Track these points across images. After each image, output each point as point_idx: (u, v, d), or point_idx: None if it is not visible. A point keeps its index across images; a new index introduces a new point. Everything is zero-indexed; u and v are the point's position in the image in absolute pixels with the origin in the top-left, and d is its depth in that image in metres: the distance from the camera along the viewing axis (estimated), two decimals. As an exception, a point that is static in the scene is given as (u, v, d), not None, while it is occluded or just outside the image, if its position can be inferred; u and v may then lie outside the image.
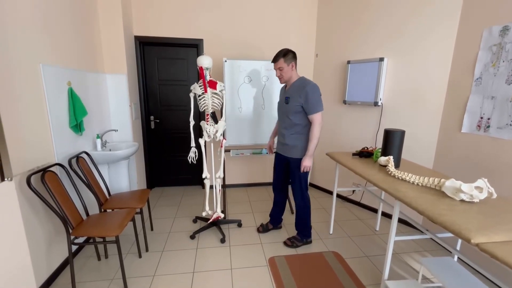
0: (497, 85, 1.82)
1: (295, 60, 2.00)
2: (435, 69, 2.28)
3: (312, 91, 1.91)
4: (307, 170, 2.03)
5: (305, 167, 2.01)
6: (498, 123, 1.82)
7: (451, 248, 1.52)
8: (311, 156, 2.00)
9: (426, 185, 1.52)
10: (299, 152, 2.05)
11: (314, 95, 1.91)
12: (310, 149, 1.97)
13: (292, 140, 2.06)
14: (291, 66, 1.98)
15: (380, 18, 2.62)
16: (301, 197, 2.15)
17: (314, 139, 1.95)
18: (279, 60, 1.96)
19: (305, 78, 2.01)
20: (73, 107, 2.00)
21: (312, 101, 1.91)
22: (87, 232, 1.66)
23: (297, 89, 1.97)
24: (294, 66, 2.00)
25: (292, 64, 1.98)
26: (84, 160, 2.04)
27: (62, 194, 1.68)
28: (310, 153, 1.98)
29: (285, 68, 1.97)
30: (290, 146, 2.08)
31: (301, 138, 2.03)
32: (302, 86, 1.95)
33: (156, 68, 3.20)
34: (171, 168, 3.52)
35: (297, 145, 2.05)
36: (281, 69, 1.99)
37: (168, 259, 2.04)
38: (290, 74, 2.01)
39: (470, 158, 2.03)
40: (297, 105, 1.96)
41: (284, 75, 2.01)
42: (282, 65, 1.97)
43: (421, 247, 2.24)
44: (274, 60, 2.00)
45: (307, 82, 1.95)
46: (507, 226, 1.08)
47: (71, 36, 2.06)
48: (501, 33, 1.80)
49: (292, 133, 2.05)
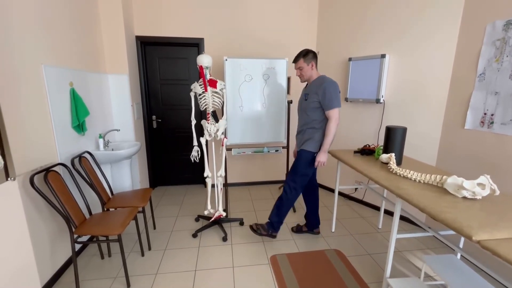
0: (500, 80, 1.80)
1: (315, 59, 2.04)
2: (438, 65, 2.25)
3: (329, 87, 1.93)
4: (321, 165, 2.04)
5: (319, 162, 2.02)
6: (502, 119, 1.79)
7: (454, 246, 1.50)
8: (326, 151, 2.02)
9: (428, 182, 1.50)
10: (312, 145, 2.06)
11: (331, 92, 1.93)
12: (325, 144, 2.00)
13: (308, 134, 2.09)
14: (311, 66, 2.02)
15: (382, 14, 2.59)
16: (291, 188, 2.14)
17: (329, 136, 1.98)
18: (299, 60, 2.03)
19: (325, 76, 2.03)
20: (75, 108, 2.02)
21: (329, 97, 1.93)
22: (90, 230, 1.68)
23: (315, 86, 2.01)
24: (314, 66, 2.04)
25: (312, 63, 2.02)
26: (86, 160, 2.06)
27: (65, 193, 1.70)
28: (325, 148, 2.01)
29: (305, 67, 2.03)
30: (304, 139, 2.11)
31: (317, 133, 2.05)
32: (320, 83, 1.99)
33: (157, 68, 3.21)
34: (174, 167, 3.53)
35: (312, 138, 2.06)
36: (301, 69, 2.04)
37: (170, 257, 2.06)
38: (310, 74, 2.05)
39: (473, 154, 2.00)
40: (314, 101, 2.00)
41: (304, 75, 2.06)
42: (302, 65, 2.03)
43: (424, 245, 2.22)
44: (295, 61, 2.06)
45: (325, 79, 1.98)
46: (510, 223, 1.06)
47: (73, 37, 2.07)
48: (504, 28, 1.77)
49: (309, 127, 2.08)
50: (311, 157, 2.07)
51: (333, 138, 2.02)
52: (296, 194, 2.16)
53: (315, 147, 2.06)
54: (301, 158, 2.11)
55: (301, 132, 2.15)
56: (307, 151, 2.08)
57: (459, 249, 1.49)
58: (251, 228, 2.26)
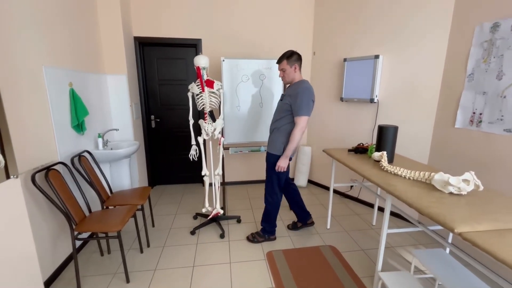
0: (488, 81, 1.86)
1: (299, 62, 2.02)
2: (429, 66, 2.32)
3: (303, 94, 1.91)
4: (281, 170, 2.03)
5: (278, 167, 2.02)
6: (489, 118, 1.86)
7: (442, 240, 1.56)
8: (287, 157, 2.00)
9: (417, 178, 1.56)
10: (275, 148, 2.07)
11: (302, 98, 1.91)
12: (287, 150, 1.98)
13: (273, 135, 2.10)
14: (293, 68, 2.01)
15: (376, 16, 2.65)
16: (270, 193, 2.17)
17: (292, 142, 1.96)
18: (283, 61, 2.00)
19: (305, 82, 2.01)
20: (74, 108, 2.06)
21: (300, 103, 1.91)
22: (90, 227, 1.72)
23: (292, 89, 2.01)
24: (298, 68, 2.03)
25: (295, 66, 2.00)
26: (86, 159, 2.10)
27: (65, 191, 1.74)
28: (287, 154, 1.99)
29: (288, 69, 2.01)
30: (270, 140, 2.13)
31: (281, 136, 2.04)
32: (297, 87, 1.97)
33: (155, 68, 3.26)
34: (172, 166, 3.58)
35: (275, 141, 2.07)
36: (284, 71, 2.02)
37: (169, 254, 2.10)
38: (293, 76, 2.03)
39: (463, 152, 2.07)
40: (287, 104, 1.99)
41: (286, 77, 2.04)
42: (285, 67, 2.00)
43: (416, 240, 2.29)
44: (278, 62, 2.05)
45: (302, 85, 1.96)
46: (491, 216, 1.12)
47: (72, 38, 2.11)
48: (491, 30, 1.83)
49: (276, 127, 2.08)
50: (277, 159, 2.05)
51: (297, 145, 2.00)
52: (277, 198, 2.18)
53: (279, 150, 2.05)
54: (269, 162, 2.12)
55: (271, 133, 2.15)
56: (272, 154, 2.08)
57: (447, 243, 1.55)
58: (247, 239, 2.29)
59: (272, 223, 2.25)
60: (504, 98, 1.75)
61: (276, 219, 2.25)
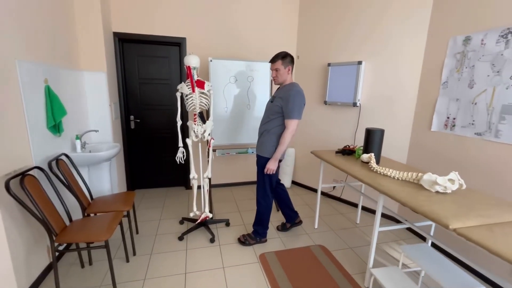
0: (461, 88, 2.05)
1: (292, 64, 2.04)
2: (408, 73, 2.49)
3: (294, 97, 1.92)
4: (270, 172, 2.04)
5: (268, 169, 2.02)
6: (462, 123, 2.05)
7: (426, 234, 1.68)
8: (276, 159, 2.02)
9: (405, 179, 1.67)
10: (265, 150, 2.07)
11: (294, 101, 1.92)
12: (277, 152, 2.00)
13: (263, 137, 2.10)
14: (287, 70, 2.02)
15: (359, 25, 2.78)
16: (262, 195, 2.17)
17: (282, 145, 1.98)
18: (277, 61, 2.00)
19: (296, 85, 2.02)
20: (51, 107, 1.88)
21: (292, 106, 1.92)
22: (73, 237, 1.58)
23: (283, 91, 2.01)
24: (290, 70, 2.04)
25: (289, 67, 2.02)
26: (64, 163, 1.93)
27: (43, 199, 1.58)
28: (276, 156, 2.01)
29: (282, 70, 2.01)
30: (260, 142, 2.13)
31: (272, 138, 2.04)
32: (288, 89, 1.98)
33: (136, 66, 3.09)
34: (153, 169, 3.42)
35: (266, 143, 2.07)
36: (278, 71, 2.02)
37: (157, 261, 2.00)
38: (285, 77, 2.04)
39: (439, 153, 2.25)
40: (278, 106, 1.99)
41: (279, 77, 2.04)
42: (279, 67, 2.00)
43: (397, 236, 2.44)
44: (272, 61, 2.03)
45: (294, 88, 1.97)
46: (477, 212, 1.24)
47: (46, 30, 1.93)
48: (464, 43, 2.02)
49: (266, 129, 2.08)
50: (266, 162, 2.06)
51: (286, 148, 2.02)
52: (269, 200, 2.18)
53: (270, 152, 2.05)
54: (260, 165, 2.12)
55: (261, 135, 2.15)
56: (262, 156, 2.09)
57: (431, 236, 1.67)
58: (239, 241, 2.27)
59: (265, 225, 2.25)
60: (475, 105, 1.94)
61: (268, 221, 2.26)
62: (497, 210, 1.26)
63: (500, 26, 1.78)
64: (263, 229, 2.26)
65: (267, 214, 2.22)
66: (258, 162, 2.16)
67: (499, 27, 1.79)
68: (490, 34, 1.84)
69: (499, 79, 1.78)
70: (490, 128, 1.85)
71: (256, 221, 2.26)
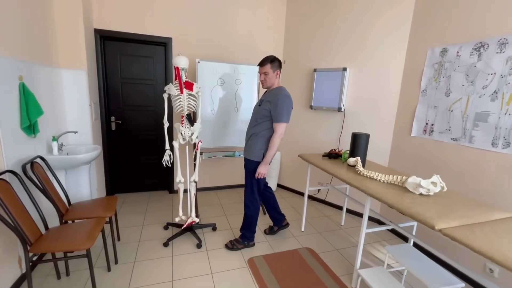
0: (438, 96, 2.18)
1: (280, 68, 2.06)
2: (389, 81, 2.61)
3: (283, 100, 1.94)
4: (261, 176, 2.05)
5: (259, 173, 2.03)
6: (439, 129, 2.18)
7: (409, 235, 1.75)
8: (267, 163, 2.03)
9: (391, 182, 1.74)
10: (253, 154, 2.07)
11: (283, 105, 1.94)
12: (267, 156, 2.01)
13: (252, 141, 2.10)
14: (275, 74, 2.04)
15: (344, 32, 2.88)
16: (250, 199, 2.17)
17: (272, 148, 1.99)
18: (266, 65, 2.01)
19: (284, 89, 2.05)
20: (25, 106, 1.74)
21: (280, 110, 1.94)
22: (51, 247, 1.46)
23: (271, 95, 2.03)
24: (278, 74, 2.06)
25: (277, 72, 2.04)
26: (40, 166, 1.79)
27: (16, 205, 1.45)
28: (266, 160, 2.01)
29: (270, 74, 2.02)
30: (248, 146, 2.12)
31: (260, 141, 2.05)
32: (277, 93, 1.99)
33: (118, 65, 2.97)
34: (134, 172, 3.28)
35: (254, 146, 2.07)
36: (266, 74, 2.03)
37: (142, 269, 1.92)
38: (274, 81, 2.06)
39: (418, 157, 2.37)
40: (266, 110, 2.00)
41: (267, 81, 2.05)
42: (268, 70, 2.01)
43: (380, 237, 2.53)
44: (261, 64, 2.04)
45: (282, 92, 1.99)
46: (458, 213, 1.31)
47: (22, 23, 1.80)
48: (441, 54, 2.16)
49: (254, 133, 2.08)
50: (256, 166, 2.06)
51: (275, 151, 2.03)
52: (257, 204, 2.18)
53: (258, 156, 2.05)
54: (248, 168, 2.13)
55: (247, 137, 2.16)
56: (251, 160, 2.09)
57: (413, 236, 1.74)
58: (226, 247, 2.23)
59: (252, 229, 2.24)
60: (452, 112, 2.07)
61: (256, 225, 2.25)
62: (475, 210, 1.35)
63: (473, 39, 1.92)
64: (250, 233, 2.24)
65: (254, 218, 2.21)
66: (246, 165, 2.15)
67: (472, 40, 1.93)
68: (464, 46, 1.98)
69: (473, 88, 1.92)
70: (465, 134, 1.98)
71: (244, 225, 2.24)
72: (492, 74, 1.80)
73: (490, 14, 1.83)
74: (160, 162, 3.28)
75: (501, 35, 1.75)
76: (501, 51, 1.75)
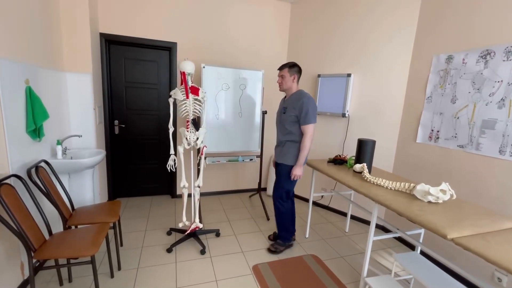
0: (444, 103, 2.18)
1: (298, 74, 2.14)
2: (394, 88, 2.61)
3: (308, 103, 2.02)
4: (296, 178, 2.11)
5: (294, 175, 2.10)
6: (445, 135, 2.17)
7: (417, 242, 1.73)
8: (301, 165, 2.10)
9: (398, 189, 1.72)
10: (289, 159, 2.13)
11: (308, 107, 2.02)
12: (300, 158, 2.08)
13: (286, 147, 2.16)
14: (293, 78, 2.12)
15: (348, 38, 2.89)
16: (281, 202, 2.23)
17: (304, 150, 2.06)
18: (285, 69, 2.12)
19: (304, 91, 2.12)
20: (31, 109, 1.74)
21: (306, 112, 2.01)
22: (55, 253, 1.44)
23: (294, 100, 2.09)
24: (296, 79, 2.14)
25: (294, 76, 2.12)
26: (44, 170, 1.78)
27: (21, 210, 1.43)
28: (300, 162, 2.08)
29: (287, 77, 2.11)
30: (283, 152, 2.17)
31: (295, 146, 2.12)
32: (299, 98, 2.07)
33: (123, 69, 2.97)
34: (137, 176, 3.26)
35: (289, 152, 2.14)
36: (283, 77, 2.13)
37: (145, 276, 1.89)
38: (290, 85, 2.13)
39: (423, 164, 2.36)
40: (292, 116, 2.08)
41: (284, 84, 2.14)
42: (285, 74, 2.12)
43: (385, 244, 2.50)
44: (280, 68, 2.15)
45: (304, 95, 2.07)
46: (468, 222, 1.30)
47: (29, 26, 1.80)
48: (446, 61, 2.16)
49: (287, 140, 2.15)
50: (290, 169, 2.14)
51: (308, 152, 2.11)
52: (287, 205, 2.25)
53: (293, 160, 2.13)
54: (282, 172, 2.19)
55: (280, 145, 2.22)
56: (286, 164, 2.15)
57: (420, 243, 1.72)
58: (269, 251, 2.28)
59: (289, 228, 2.29)
60: (458, 119, 2.07)
61: (292, 224, 2.31)
62: (486, 219, 1.33)
63: (479, 47, 1.93)
64: (289, 234, 2.31)
65: (289, 219, 2.27)
66: (280, 170, 2.21)
67: (478, 48, 1.93)
68: (470, 54, 1.98)
69: (479, 96, 1.92)
70: (471, 141, 1.97)
71: (281, 227, 2.29)
72: (499, 82, 1.80)
73: (496, 21, 1.84)
74: (162, 166, 3.27)
75: (508, 43, 1.76)
76: (508, 59, 1.76)
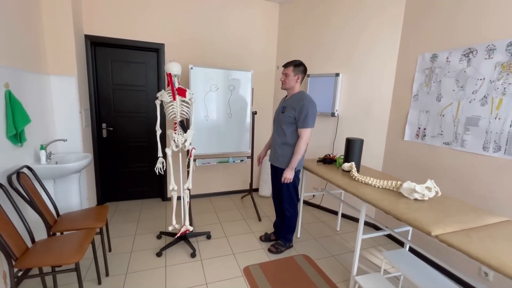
0: (430, 101, 2.21)
1: (303, 74, 2.10)
2: (382, 86, 2.64)
3: (308, 106, 1.98)
4: (287, 181, 2.08)
5: (285, 178, 2.07)
6: (431, 133, 2.20)
7: (405, 240, 1.75)
8: (293, 168, 2.06)
9: (386, 187, 1.74)
10: (285, 162, 2.10)
11: (308, 111, 1.97)
12: (293, 161, 2.04)
13: (281, 150, 2.12)
14: (296, 77, 2.07)
15: (336, 38, 2.91)
16: (289, 203, 2.20)
17: (297, 154, 2.02)
18: (289, 67, 2.07)
19: (306, 93, 2.08)
20: (12, 114, 1.69)
21: (305, 115, 1.97)
22: (37, 261, 1.40)
23: (295, 101, 2.05)
24: (300, 79, 2.09)
25: (298, 76, 2.07)
26: (26, 176, 1.73)
27: (1, 218, 1.39)
28: (292, 166, 2.04)
29: (291, 76, 2.06)
30: (279, 155, 2.15)
31: (290, 150, 2.08)
32: (300, 99, 2.02)
33: (109, 71, 2.92)
34: (126, 180, 3.21)
35: (285, 155, 2.10)
36: (287, 76, 2.08)
37: (134, 281, 1.86)
38: (293, 84, 2.08)
39: (411, 161, 2.39)
40: (291, 116, 2.03)
41: (287, 82, 2.09)
42: (289, 73, 2.06)
43: (375, 242, 2.52)
44: (285, 66, 2.10)
45: (306, 97, 2.02)
46: (453, 218, 1.31)
47: (8, 28, 1.75)
48: (431, 59, 2.19)
49: (283, 142, 2.12)
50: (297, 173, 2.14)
51: (302, 156, 2.08)
52: (295, 207, 2.24)
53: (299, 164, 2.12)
54: (279, 177, 2.13)
55: (277, 146, 2.17)
56: (282, 169, 2.12)
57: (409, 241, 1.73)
58: (270, 252, 2.29)
59: (292, 230, 2.32)
60: (443, 116, 2.10)
61: (295, 227, 2.33)
62: (470, 215, 1.35)
63: (462, 46, 1.96)
64: (292, 235, 2.34)
65: (295, 222, 2.30)
66: (278, 174, 2.17)
67: (461, 47, 1.97)
68: (454, 52, 2.02)
69: (463, 93, 1.95)
70: (456, 138, 2.00)
71: (287, 228, 2.29)
72: (482, 80, 1.84)
73: (478, 21, 1.87)
74: (152, 169, 3.23)
75: (489, 41, 1.79)
76: (489, 57, 1.79)
